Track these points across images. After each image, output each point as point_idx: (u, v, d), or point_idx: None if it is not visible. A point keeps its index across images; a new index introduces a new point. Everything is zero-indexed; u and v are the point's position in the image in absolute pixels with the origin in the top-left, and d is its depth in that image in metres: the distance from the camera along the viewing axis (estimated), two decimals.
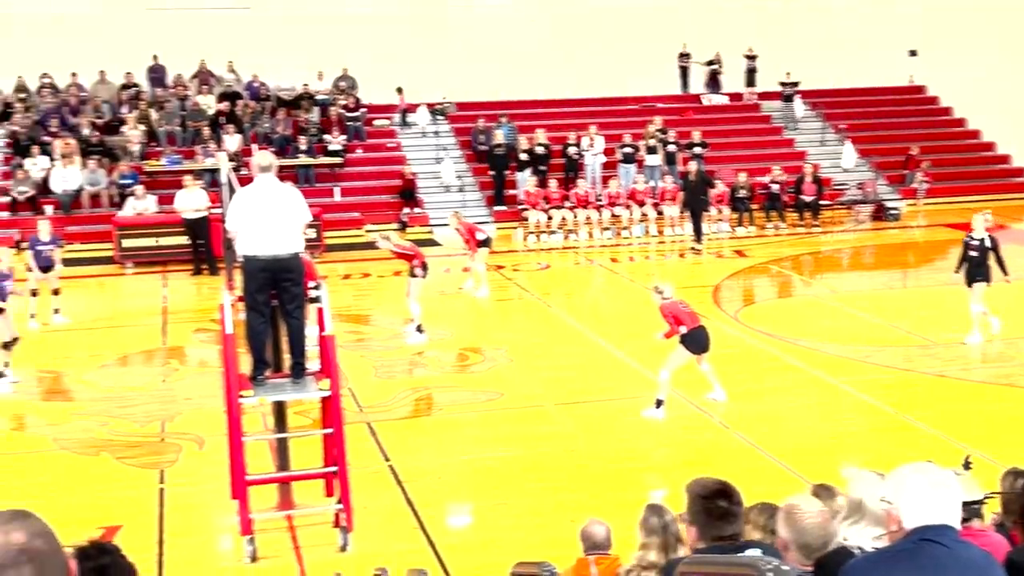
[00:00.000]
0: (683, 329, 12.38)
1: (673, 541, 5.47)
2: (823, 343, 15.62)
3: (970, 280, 15.21)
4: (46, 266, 17.39)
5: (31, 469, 11.62)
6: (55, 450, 12.03)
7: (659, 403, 12.46)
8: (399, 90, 28.50)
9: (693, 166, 24.98)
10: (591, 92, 29.62)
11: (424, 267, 16.15)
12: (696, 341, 12.48)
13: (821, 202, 26.47)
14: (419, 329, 16.17)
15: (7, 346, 14.39)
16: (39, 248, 17.36)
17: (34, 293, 17.30)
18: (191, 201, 22.08)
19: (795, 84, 30.19)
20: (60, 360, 15.81)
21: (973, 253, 15.19)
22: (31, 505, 2.50)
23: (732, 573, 3.51)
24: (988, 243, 15.12)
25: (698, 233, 23.98)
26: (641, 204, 25.69)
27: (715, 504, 4.06)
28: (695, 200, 24.26)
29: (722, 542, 4.04)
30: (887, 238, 25.19)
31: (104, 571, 3.09)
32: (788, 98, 30.31)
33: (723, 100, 30.96)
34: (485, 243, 19.13)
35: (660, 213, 25.60)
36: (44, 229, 17.71)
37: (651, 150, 27.00)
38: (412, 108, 28.53)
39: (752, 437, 11.80)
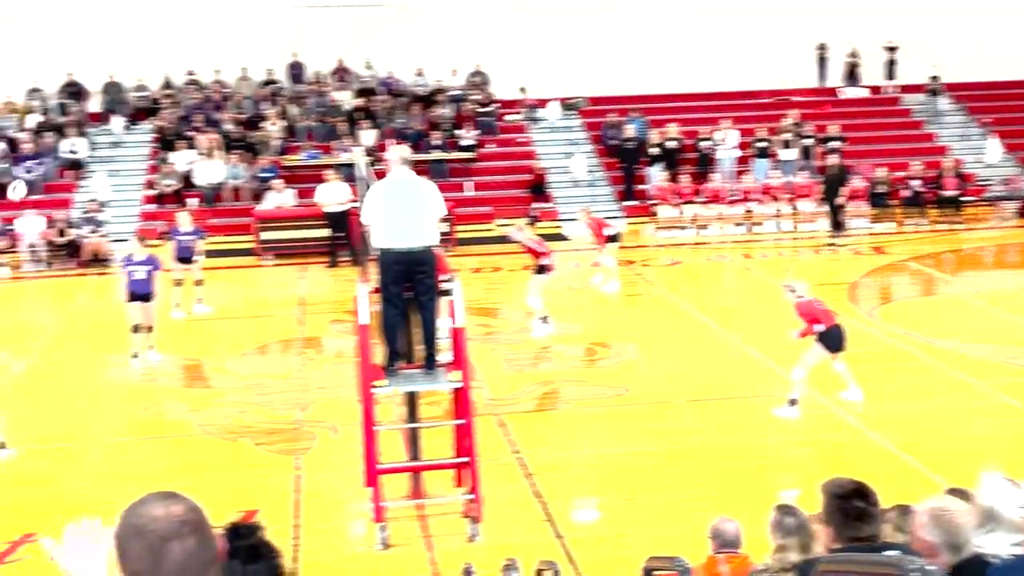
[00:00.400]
0: (819, 327, 12.14)
1: (809, 541, 5.39)
2: (964, 343, 15.15)
3: None
4: (187, 257, 17.93)
5: (174, 453, 12.06)
6: (198, 435, 12.45)
7: (793, 402, 12.25)
8: (522, 89, 28.63)
9: (834, 160, 24.47)
10: (724, 85, 29.23)
11: (548, 267, 16.15)
12: (833, 339, 12.23)
13: (963, 198, 25.64)
14: (544, 320, 16.22)
15: (136, 329, 14.88)
16: (179, 238, 17.92)
17: (178, 283, 17.88)
18: (333, 195, 22.53)
19: (937, 78, 29.29)
20: (202, 348, 16.33)
21: None
22: (174, 487, 2.61)
23: (875, 572, 3.44)
24: None
25: (836, 227, 23.50)
26: (775, 199, 25.28)
27: (852, 504, 3.99)
28: (834, 195, 23.77)
29: (859, 543, 3.97)
30: None
31: (254, 550, 3.21)
32: (933, 92, 29.42)
33: (862, 93, 30.23)
34: (614, 238, 19.10)
35: (795, 208, 25.16)
36: (184, 220, 18.28)
37: (786, 144, 26.54)
38: (542, 103, 28.59)
39: (888, 438, 11.52)
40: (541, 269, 16.20)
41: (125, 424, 12.96)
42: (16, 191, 24.45)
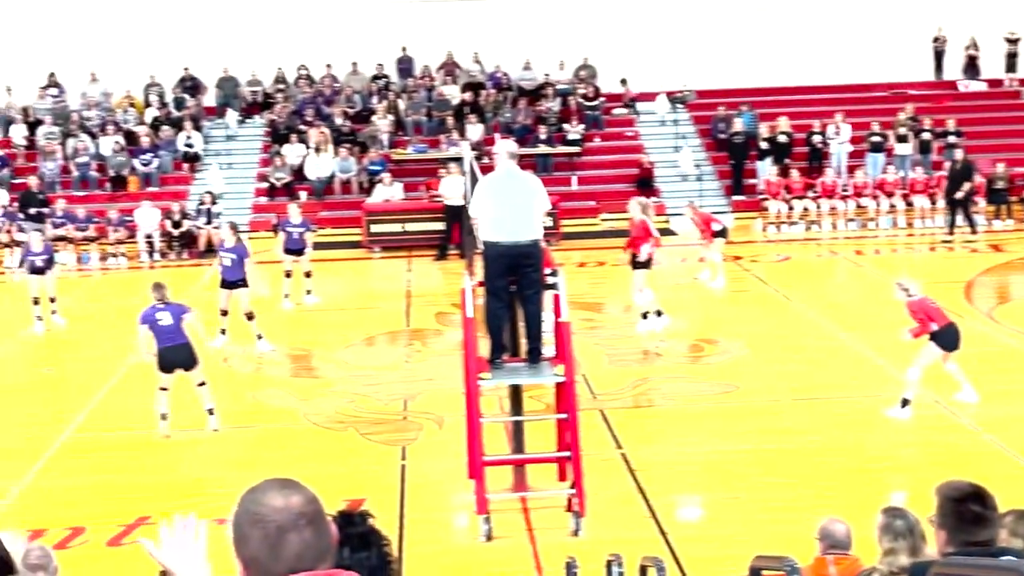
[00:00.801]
0: (934, 326, 11.82)
1: (919, 544, 5.25)
2: None
3: None
4: (297, 248, 18.18)
5: (283, 441, 12.26)
6: (306, 424, 12.65)
7: (905, 402, 11.95)
8: (623, 81, 28.46)
9: (959, 154, 23.81)
10: (837, 78, 28.64)
11: (648, 261, 15.84)
12: (948, 338, 11.89)
13: None
14: (658, 314, 16.05)
15: (224, 313, 15.43)
16: (289, 230, 18.19)
17: (287, 275, 18.18)
18: (453, 188, 22.66)
19: None
20: (311, 339, 16.59)
21: None
22: (282, 476, 2.64)
23: None
24: None
25: (952, 225, 22.89)
26: (890, 195, 24.70)
27: (967, 508, 3.87)
28: (954, 190, 23.13)
29: (974, 547, 3.85)
30: None
31: (365, 538, 3.24)
32: None
33: (981, 86, 29.35)
34: (721, 233, 18.88)
35: (910, 205, 24.55)
36: (294, 212, 18.55)
37: (901, 139, 25.91)
38: (648, 97, 28.37)
39: (1005, 441, 11.17)
40: (638, 264, 15.92)
41: (233, 412, 13.22)
42: None
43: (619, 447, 11.47)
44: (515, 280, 9.52)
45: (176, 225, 23.42)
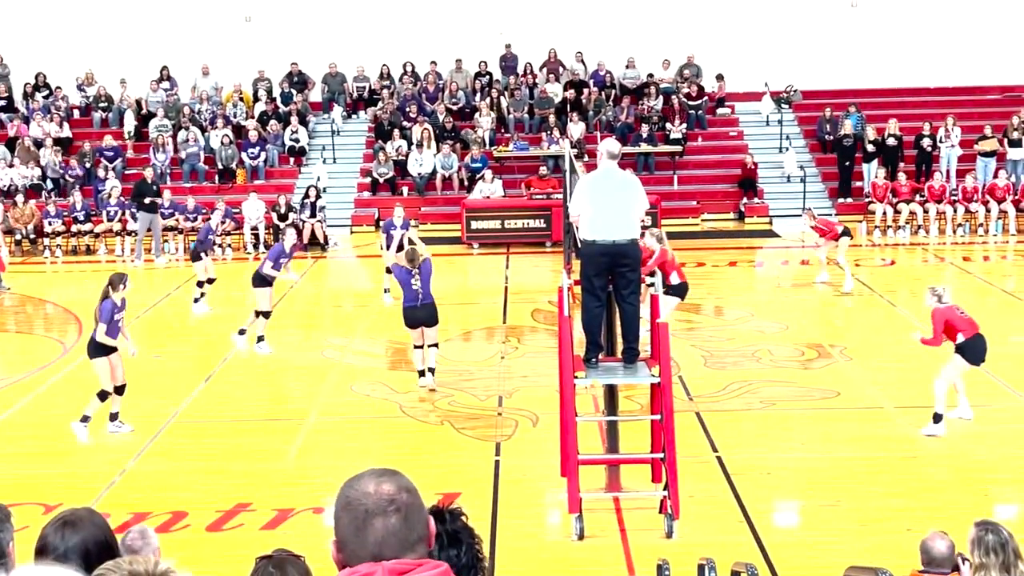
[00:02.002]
0: (960, 337, 11.45)
1: (1014, 559, 5.11)
2: None
3: None
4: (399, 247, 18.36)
5: (380, 433, 12.43)
6: (402, 417, 12.79)
7: (938, 417, 11.59)
8: (719, 77, 28.17)
9: None
10: (948, 80, 27.98)
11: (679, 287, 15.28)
12: (975, 351, 11.51)
13: None
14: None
15: (266, 315, 15.45)
16: (392, 233, 18.34)
17: (388, 271, 18.36)
18: None
19: None
20: (408, 333, 16.72)
21: None
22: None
23: None
24: None
25: None
26: (1000, 201, 24.05)
27: None
28: None
29: None
30: None
31: (456, 535, 3.27)
32: None
33: None
34: (846, 233, 18.62)
35: (1021, 211, 23.86)
36: (399, 215, 18.69)
37: (1014, 143, 25.19)
38: (754, 96, 28.03)
39: None
40: (669, 291, 14.62)
41: (333, 403, 13.43)
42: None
43: (715, 450, 11.37)
44: (612, 279, 9.50)
45: (282, 218, 23.84)
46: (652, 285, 9.77)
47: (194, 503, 10.31)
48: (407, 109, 27.57)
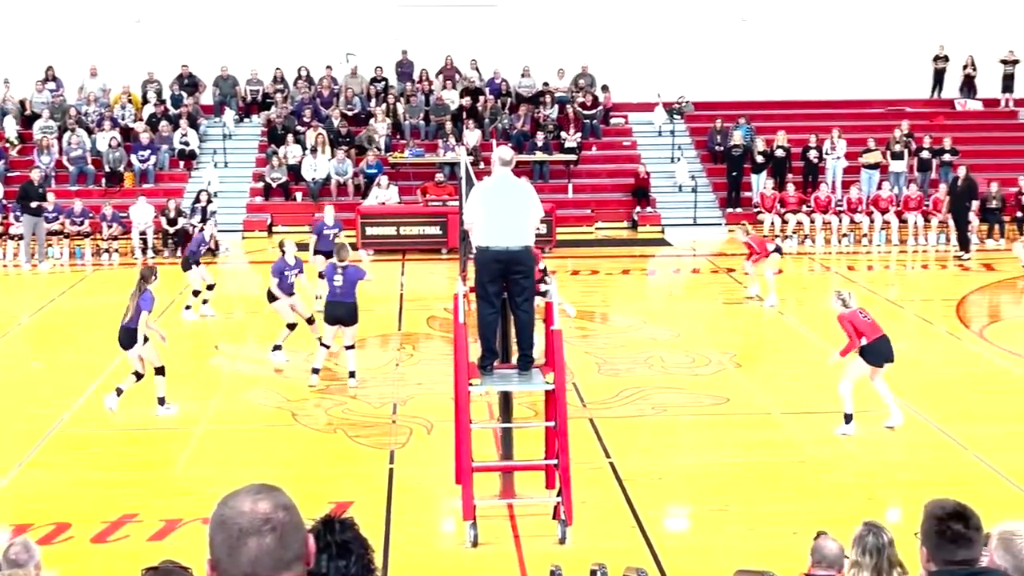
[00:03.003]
0: (863, 340, 11.85)
1: (887, 566, 5.25)
2: None
3: None
4: (329, 250, 18.05)
5: (272, 442, 12.25)
6: (294, 425, 12.63)
7: (848, 418, 11.99)
8: (604, 88, 28.54)
9: (962, 171, 23.93)
10: (835, 94, 28.75)
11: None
12: (875, 354, 11.91)
13: None
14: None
15: (291, 327, 15.11)
16: (325, 232, 18.08)
17: (321, 275, 18.03)
18: None
19: None
20: (306, 341, 16.53)
21: None
22: (269, 477, 2.65)
23: None
24: None
25: (962, 243, 23.01)
26: (884, 212, 24.78)
27: (949, 527, 3.89)
28: (961, 208, 23.25)
29: (954, 567, 3.87)
30: None
31: (345, 546, 3.23)
32: None
33: (977, 106, 29.45)
34: (777, 250, 18.76)
35: (903, 222, 24.63)
36: (329, 214, 18.38)
37: (896, 156, 25.99)
38: (647, 107, 28.40)
39: (993, 461, 11.20)
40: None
41: (224, 412, 13.21)
42: None
43: (608, 456, 11.47)
44: (507, 286, 9.52)
45: (171, 223, 23.39)
46: (546, 293, 9.82)
47: (78, 514, 10.04)
48: (302, 114, 27.30)
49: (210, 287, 17.85)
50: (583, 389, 13.66)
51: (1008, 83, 29.32)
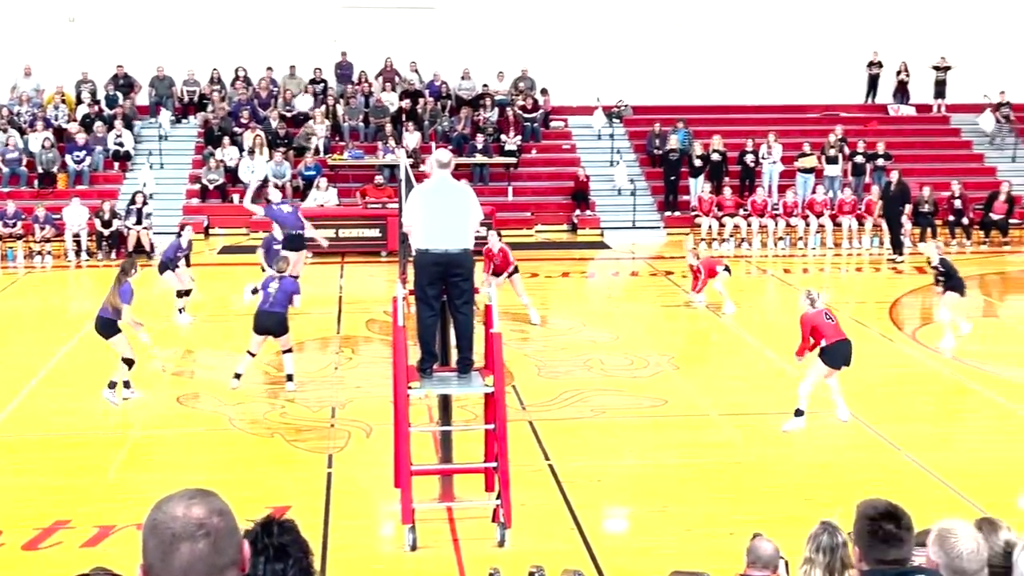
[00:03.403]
0: (824, 343, 12.03)
1: (839, 566, 5.31)
2: (1006, 367, 14.95)
3: None
4: (295, 234, 18.17)
5: (208, 446, 12.11)
6: (231, 429, 12.51)
7: (799, 412, 12.23)
8: (544, 91, 28.65)
9: (895, 175, 24.34)
10: (771, 99, 29.10)
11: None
12: (834, 357, 12.10)
13: (1011, 221, 25.35)
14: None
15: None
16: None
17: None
18: None
19: (1005, 103, 28.86)
20: (240, 343, 16.38)
21: None
22: (205, 482, 2.62)
23: None
24: None
25: (895, 246, 23.40)
26: (819, 215, 25.11)
27: (880, 526, 3.95)
28: (894, 211, 23.66)
29: (886, 566, 3.93)
30: None
31: (283, 549, 3.20)
32: (1007, 117, 28.93)
33: (910, 111, 29.97)
34: (727, 269, 18.63)
35: (838, 225, 24.98)
36: (275, 195, 18.27)
37: (831, 160, 26.35)
38: (586, 111, 28.53)
39: (925, 461, 11.39)
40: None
41: (159, 416, 13.04)
42: None
43: (547, 459, 11.50)
44: (446, 289, 9.51)
45: (106, 224, 23.05)
46: (486, 296, 9.83)
47: (9, 520, 9.85)
48: (239, 115, 27.05)
49: (187, 292, 17.54)
50: (523, 392, 13.68)
51: (940, 89, 29.85)
